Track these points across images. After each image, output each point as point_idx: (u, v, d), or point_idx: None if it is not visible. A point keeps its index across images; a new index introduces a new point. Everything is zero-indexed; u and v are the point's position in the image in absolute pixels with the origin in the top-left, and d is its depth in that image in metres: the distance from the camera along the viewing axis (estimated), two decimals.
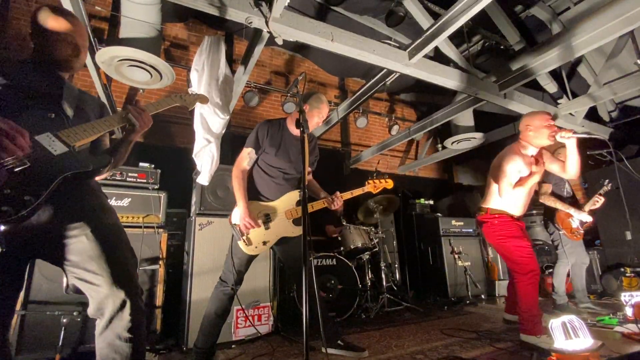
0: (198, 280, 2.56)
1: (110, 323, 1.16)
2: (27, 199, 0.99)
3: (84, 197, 1.24)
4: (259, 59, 2.90)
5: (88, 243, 1.16)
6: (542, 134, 2.27)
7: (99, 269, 1.15)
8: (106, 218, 1.26)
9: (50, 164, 1.06)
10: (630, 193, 3.78)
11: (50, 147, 1.06)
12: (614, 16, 2.48)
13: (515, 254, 2.30)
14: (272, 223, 2.04)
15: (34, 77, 1.21)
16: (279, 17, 2.24)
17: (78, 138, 1.13)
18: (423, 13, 3.10)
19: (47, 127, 1.09)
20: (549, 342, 1.99)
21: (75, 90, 1.33)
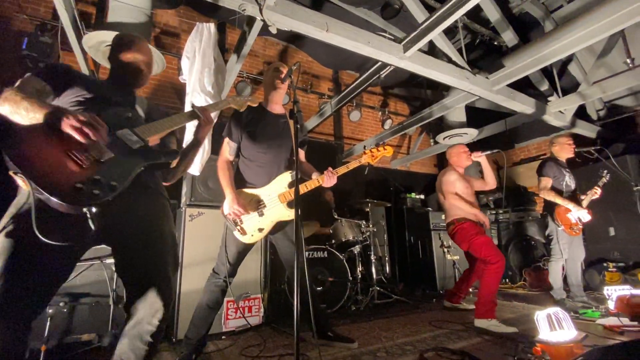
0: (188, 272, 2.54)
1: (139, 324, 1.21)
2: (113, 184, 1.11)
3: (157, 197, 1.38)
4: (252, 48, 2.86)
5: (146, 246, 1.26)
6: (463, 158, 3.04)
7: (146, 273, 1.23)
8: (167, 225, 1.37)
9: (129, 156, 1.22)
10: (615, 190, 3.87)
11: (129, 141, 1.23)
12: (605, 15, 2.50)
13: (484, 249, 2.67)
14: (266, 209, 2.00)
15: (112, 89, 1.41)
16: (273, 5, 2.20)
17: (151, 133, 1.31)
18: (419, 6, 3.08)
19: (125, 125, 1.26)
20: (498, 327, 2.38)
21: (144, 100, 1.55)
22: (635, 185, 3.23)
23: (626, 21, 2.44)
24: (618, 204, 3.86)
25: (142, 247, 1.25)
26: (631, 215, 3.48)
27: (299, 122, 1.60)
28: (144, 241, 1.26)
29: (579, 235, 3.22)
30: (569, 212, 3.13)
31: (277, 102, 2.21)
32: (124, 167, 1.18)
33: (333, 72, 5.91)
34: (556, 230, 3.17)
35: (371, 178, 5.68)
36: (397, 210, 5.10)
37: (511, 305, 3.40)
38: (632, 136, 4.58)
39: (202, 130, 1.57)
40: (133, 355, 1.19)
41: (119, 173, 1.15)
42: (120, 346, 1.21)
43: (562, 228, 3.13)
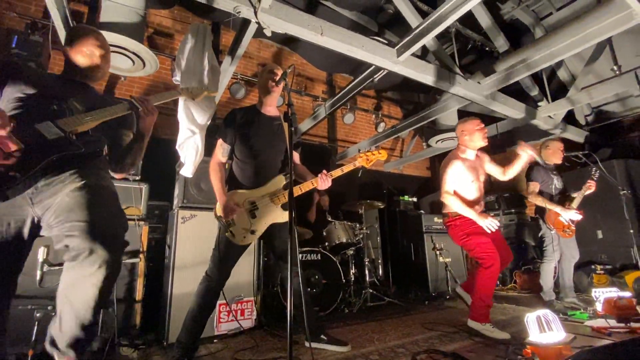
0: (180, 275, 2.51)
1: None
2: (12, 174, 1.13)
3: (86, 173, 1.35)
4: (246, 50, 2.86)
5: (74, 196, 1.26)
6: (477, 137, 2.53)
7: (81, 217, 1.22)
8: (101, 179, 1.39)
9: (43, 147, 1.21)
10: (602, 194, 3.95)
11: (47, 132, 1.23)
12: (592, 23, 2.57)
13: (478, 251, 2.45)
14: (259, 211, 1.99)
15: (63, 87, 1.42)
16: (268, 8, 2.20)
17: (75, 124, 1.29)
18: (412, 11, 3.11)
19: (49, 117, 1.26)
20: (492, 332, 2.30)
21: (96, 94, 1.54)
22: (622, 189, 3.30)
23: (613, 29, 2.51)
24: (605, 208, 3.95)
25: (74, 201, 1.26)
26: (618, 219, 3.56)
27: (293, 125, 1.60)
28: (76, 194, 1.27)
29: (573, 237, 3.25)
30: (559, 215, 3.18)
31: (271, 104, 2.21)
32: (33, 159, 1.19)
33: (327, 75, 5.93)
34: (549, 233, 3.21)
35: (365, 181, 5.71)
36: (390, 212, 5.13)
37: (502, 307, 3.44)
38: (619, 141, 4.69)
39: (144, 121, 1.53)
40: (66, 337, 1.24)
41: (24, 165, 1.16)
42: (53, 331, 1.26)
43: (555, 231, 3.17)
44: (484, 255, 2.41)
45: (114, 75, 3.90)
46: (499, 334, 2.28)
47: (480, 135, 2.53)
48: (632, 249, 3.32)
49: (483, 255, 2.41)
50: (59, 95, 1.38)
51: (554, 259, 3.20)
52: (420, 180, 6.78)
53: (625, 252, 3.67)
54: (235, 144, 2.11)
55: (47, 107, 1.31)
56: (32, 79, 1.37)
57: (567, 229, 3.18)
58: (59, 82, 1.45)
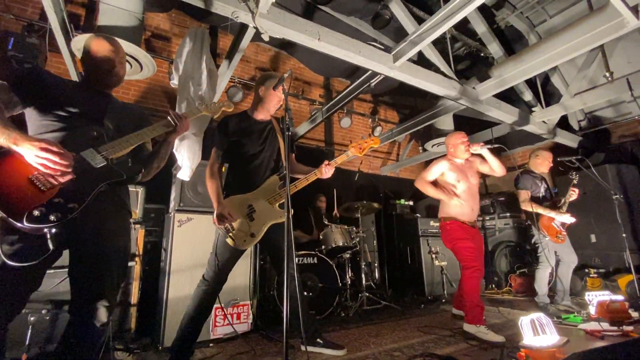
0: (175, 278, 2.50)
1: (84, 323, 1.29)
2: (71, 206, 1.18)
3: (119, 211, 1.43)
4: (244, 54, 2.87)
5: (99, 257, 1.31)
6: (460, 150, 2.74)
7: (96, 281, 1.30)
8: (122, 240, 1.43)
9: (92, 175, 1.27)
10: (595, 198, 4.01)
11: (92, 160, 1.28)
12: (585, 31, 2.62)
13: (462, 254, 2.61)
14: (256, 213, 2.00)
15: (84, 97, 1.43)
16: (265, 13, 2.22)
17: (115, 152, 1.34)
18: (408, 17, 3.16)
19: (91, 144, 1.31)
20: (486, 334, 2.34)
21: (118, 104, 1.55)
22: (615, 194, 3.34)
23: (605, 37, 2.56)
24: (599, 212, 4.00)
25: (95, 258, 1.30)
26: (611, 223, 3.60)
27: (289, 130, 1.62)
28: (98, 253, 1.31)
29: (567, 241, 3.29)
30: (552, 221, 3.22)
31: (265, 114, 2.23)
32: (84, 187, 1.24)
33: (324, 79, 5.96)
34: (542, 239, 3.24)
35: (361, 184, 5.73)
36: (387, 216, 5.15)
37: (497, 311, 3.45)
38: (612, 146, 4.75)
39: (176, 135, 1.60)
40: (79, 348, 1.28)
41: (78, 194, 1.21)
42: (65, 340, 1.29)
43: (549, 238, 3.21)
44: (466, 257, 2.58)
45: None
46: (493, 337, 2.30)
47: (463, 148, 2.72)
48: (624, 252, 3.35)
49: (465, 257, 2.58)
50: (94, 114, 1.41)
51: (549, 266, 3.23)
52: None
53: (618, 255, 3.72)
54: (229, 150, 2.13)
55: (88, 132, 1.35)
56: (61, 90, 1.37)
57: (560, 235, 3.22)
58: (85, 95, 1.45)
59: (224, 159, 2.14)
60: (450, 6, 2.39)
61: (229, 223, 1.94)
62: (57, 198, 1.16)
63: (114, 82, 1.53)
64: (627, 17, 2.35)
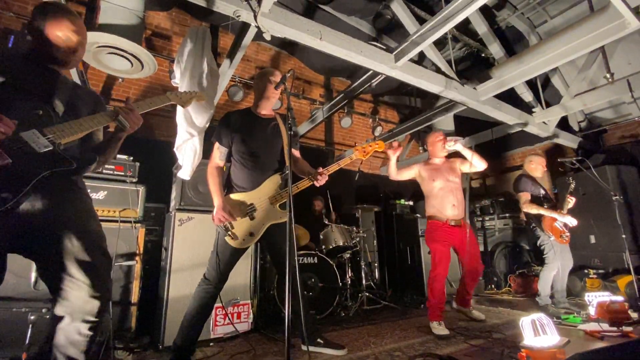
0: (176, 277, 2.50)
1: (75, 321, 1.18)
2: (4, 196, 1.00)
3: (74, 198, 1.26)
4: (245, 53, 2.87)
5: (71, 247, 1.17)
6: (438, 147, 2.93)
7: (79, 274, 1.16)
8: (91, 224, 1.28)
9: (33, 161, 1.07)
10: (595, 199, 4.01)
11: (35, 143, 1.06)
12: (586, 32, 2.62)
13: (432, 256, 2.83)
14: (257, 212, 2.00)
15: (29, 71, 1.23)
16: (267, 12, 2.22)
17: (64, 135, 1.13)
18: (410, 17, 3.16)
19: (34, 124, 1.09)
20: (436, 328, 2.57)
21: (69, 84, 1.34)
22: (614, 194, 3.35)
23: (606, 38, 2.56)
24: (598, 213, 4.00)
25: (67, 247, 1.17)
26: (611, 224, 3.61)
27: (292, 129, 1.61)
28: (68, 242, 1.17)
29: (567, 244, 3.31)
30: (555, 222, 3.23)
31: (267, 108, 2.22)
32: (22, 175, 1.05)
33: (325, 79, 5.96)
34: (548, 240, 3.24)
35: (361, 184, 5.73)
36: (387, 216, 5.15)
37: (497, 311, 3.46)
38: (612, 147, 4.76)
39: (126, 132, 1.37)
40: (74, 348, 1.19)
41: (14, 183, 1.03)
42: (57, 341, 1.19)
43: (554, 238, 3.21)
44: (433, 261, 2.80)
45: (111, 77, 3.88)
46: (440, 331, 2.54)
47: (440, 145, 2.91)
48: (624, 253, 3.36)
49: (433, 260, 2.81)
50: (39, 90, 1.20)
51: (555, 267, 3.23)
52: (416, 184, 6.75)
53: (618, 256, 3.72)
54: (232, 146, 2.11)
55: (31, 111, 1.13)
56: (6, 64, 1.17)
57: (563, 235, 3.23)
58: (30, 68, 1.24)
59: (228, 156, 2.13)
60: (451, 7, 2.39)
61: (228, 221, 1.94)
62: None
63: (70, 64, 1.33)
64: (628, 19, 2.36)
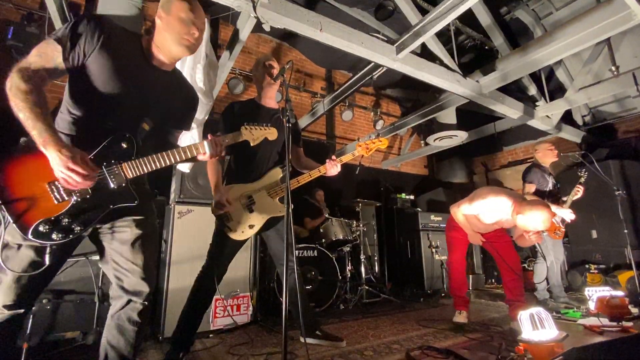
0: (176, 269, 2.51)
1: (126, 305, 1.24)
2: (76, 229, 1.08)
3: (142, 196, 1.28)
4: (245, 45, 2.84)
5: (132, 235, 1.25)
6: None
7: (134, 258, 1.24)
8: (150, 218, 1.35)
9: (102, 195, 1.13)
10: (597, 194, 3.98)
11: (110, 179, 1.13)
12: (591, 23, 2.57)
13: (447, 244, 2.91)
14: (256, 205, 1.99)
15: (142, 77, 1.23)
16: (267, 3, 2.19)
17: (137, 172, 1.18)
18: (412, 8, 3.10)
19: (117, 157, 1.15)
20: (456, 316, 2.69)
21: (174, 86, 1.35)
22: (617, 189, 3.32)
23: (612, 30, 2.51)
24: (600, 208, 3.97)
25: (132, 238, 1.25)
26: (613, 219, 3.58)
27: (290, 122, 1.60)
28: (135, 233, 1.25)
29: (560, 239, 3.34)
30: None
31: (271, 96, 2.21)
32: (93, 209, 1.11)
33: (326, 71, 5.91)
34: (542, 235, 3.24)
35: (362, 178, 5.71)
36: (387, 210, 5.14)
37: (496, 305, 3.47)
38: (616, 142, 4.71)
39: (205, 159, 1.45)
40: (123, 338, 1.22)
41: (84, 216, 1.10)
42: (109, 331, 1.23)
43: (546, 233, 3.22)
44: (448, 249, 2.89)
45: None
46: (458, 319, 2.67)
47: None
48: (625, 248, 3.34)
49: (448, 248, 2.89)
50: (139, 107, 1.22)
51: (548, 260, 3.26)
52: (417, 178, 6.80)
53: (619, 251, 3.71)
54: None
55: (118, 142, 1.15)
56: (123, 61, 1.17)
57: (558, 231, 3.25)
58: (139, 70, 1.22)
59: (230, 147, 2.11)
60: None
61: (226, 211, 1.93)
62: (65, 217, 1.06)
63: (181, 57, 1.30)
64: (635, 10, 2.30)
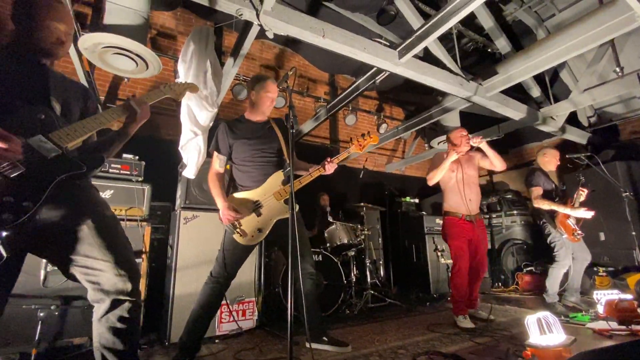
0: (182, 275, 2.53)
1: (112, 307, 1.17)
2: (25, 204, 1.01)
3: (81, 191, 1.24)
4: (249, 51, 2.88)
5: (89, 231, 1.18)
6: (461, 143, 2.89)
7: (101, 255, 1.17)
8: (103, 210, 1.28)
9: (44, 167, 1.07)
10: (605, 196, 3.94)
11: (43, 150, 1.06)
12: (595, 25, 2.56)
13: (451, 252, 2.89)
14: (263, 209, 2.02)
15: (15, 65, 1.18)
16: (270, 10, 2.22)
17: (69, 139, 1.13)
18: (414, 13, 3.13)
19: (38, 129, 1.08)
20: (461, 321, 2.67)
21: (59, 78, 1.29)
22: (624, 191, 3.28)
23: (615, 31, 2.50)
24: (608, 210, 3.93)
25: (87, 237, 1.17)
26: (620, 221, 3.54)
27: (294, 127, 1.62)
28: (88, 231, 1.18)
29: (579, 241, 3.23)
30: (568, 219, 3.17)
31: (262, 112, 2.25)
32: (38, 182, 1.05)
33: (329, 76, 5.94)
34: (560, 237, 3.18)
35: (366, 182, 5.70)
36: (392, 214, 5.13)
37: (503, 309, 3.43)
38: (622, 143, 4.67)
39: (136, 125, 1.36)
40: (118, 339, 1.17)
41: (31, 190, 1.03)
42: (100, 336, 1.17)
43: (566, 236, 3.15)
44: (453, 256, 2.86)
45: (117, 77, 3.92)
46: (465, 324, 2.63)
47: (464, 141, 2.89)
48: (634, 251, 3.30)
49: (453, 256, 2.86)
50: (36, 89, 1.17)
51: (566, 265, 3.17)
52: (422, 182, 6.75)
53: (628, 254, 3.66)
54: (231, 152, 2.16)
55: (33, 115, 1.10)
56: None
57: (576, 233, 3.16)
58: (17, 63, 1.19)
59: (225, 162, 2.18)
60: (456, 0, 2.36)
61: (235, 219, 1.95)
62: (7, 196, 0.98)
63: (57, 53, 1.27)
64: (638, 12, 2.30)
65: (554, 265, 3.26)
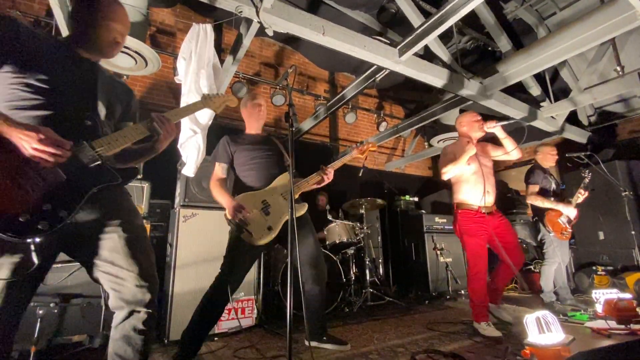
0: (181, 273, 2.52)
1: (130, 315, 1.19)
2: (62, 215, 1.00)
3: (116, 197, 1.26)
4: (248, 49, 2.86)
5: (119, 240, 1.19)
6: (474, 127, 2.68)
7: (127, 264, 1.18)
8: (135, 219, 1.30)
9: (83, 176, 1.07)
10: (604, 195, 3.94)
11: (85, 158, 1.07)
12: (596, 24, 2.55)
13: (467, 253, 2.61)
14: (272, 207, 2.03)
15: (70, 64, 1.18)
16: (269, 8, 2.20)
17: (110, 149, 1.13)
18: (414, 11, 3.10)
19: (84, 135, 1.09)
20: (484, 329, 2.37)
21: (107, 78, 1.30)
22: (624, 190, 3.28)
23: (616, 30, 2.49)
24: (607, 209, 3.93)
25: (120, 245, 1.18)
26: (620, 220, 3.55)
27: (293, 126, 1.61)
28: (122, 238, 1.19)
29: (567, 241, 3.29)
30: (559, 217, 3.19)
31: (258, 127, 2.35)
32: (75, 191, 1.05)
33: (329, 74, 5.92)
34: (548, 235, 3.23)
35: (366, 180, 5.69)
36: (391, 212, 5.13)
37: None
38: (622, 142, 4.66)
39: (163, 143, 1.36)
40: (130, 348, 1.17)
41: (68, 200, 1.03)
42: (114, 343, 1.18)
43: (553, 234, 3.19)
44: (469, 259, 2.58)
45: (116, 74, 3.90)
46: (491, 332, 2.33)
47: (477, 126, 2.68)
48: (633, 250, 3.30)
49: (469, 258, 2.58)
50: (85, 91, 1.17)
51: (555, 262, 3.21)
52: (421, 180, 6.77)
53: (627, 253, 3.66)
54: (233, 160, 2.20)
55: (80, 121, 1.10)
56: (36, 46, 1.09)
57: (565, 232, 3.19)
58: (69, 61, 1.18)
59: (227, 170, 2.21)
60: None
61: (243, 216, 1.92)
62: (45, 204, 0.97)
63: (113, 54, 1.29)
64: (639, 10, 2.29)
65: (544, 263, 3.32)
